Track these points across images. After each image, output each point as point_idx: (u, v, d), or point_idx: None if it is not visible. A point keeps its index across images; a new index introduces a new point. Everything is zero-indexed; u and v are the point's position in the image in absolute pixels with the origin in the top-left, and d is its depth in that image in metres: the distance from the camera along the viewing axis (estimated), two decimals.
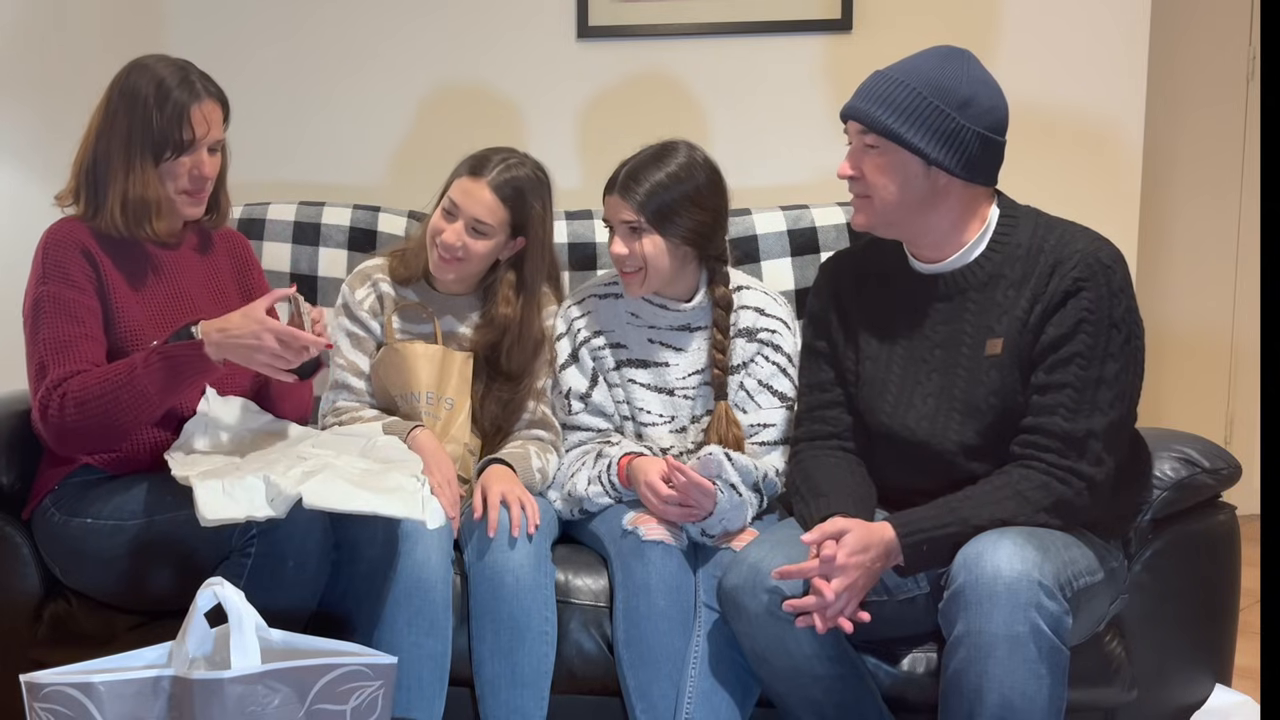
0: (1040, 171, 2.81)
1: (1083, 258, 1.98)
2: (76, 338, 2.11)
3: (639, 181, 2.28)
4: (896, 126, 1.99)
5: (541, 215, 2.38)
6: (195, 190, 2.22)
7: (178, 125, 2.15)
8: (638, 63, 3.24)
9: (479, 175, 2.34)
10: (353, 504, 1.90)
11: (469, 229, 2.33)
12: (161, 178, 2.18)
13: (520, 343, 2.41)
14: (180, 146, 2.16)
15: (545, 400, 2.44)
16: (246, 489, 1.89)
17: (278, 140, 3.27)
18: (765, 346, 2.38)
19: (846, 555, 1.89)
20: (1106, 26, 3.12)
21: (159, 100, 2.15)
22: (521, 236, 2.39)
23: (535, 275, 2.42)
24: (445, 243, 2.34)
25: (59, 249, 2.16)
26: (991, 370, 2.03)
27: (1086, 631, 2.07)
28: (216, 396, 2.19)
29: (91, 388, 2.06)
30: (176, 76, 2.17)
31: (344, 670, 1.70)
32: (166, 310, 2.23)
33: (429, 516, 1.97)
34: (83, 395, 2.06)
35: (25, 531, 2.24)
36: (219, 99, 2.23)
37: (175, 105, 2.15)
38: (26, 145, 2.90)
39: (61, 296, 2.13)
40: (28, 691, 1.63)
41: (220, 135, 2.23)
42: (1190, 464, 2.20)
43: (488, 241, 2.35)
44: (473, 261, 2.37)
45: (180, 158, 2.17)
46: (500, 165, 2.34)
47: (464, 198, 2.33)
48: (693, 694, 2.10)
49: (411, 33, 3.28)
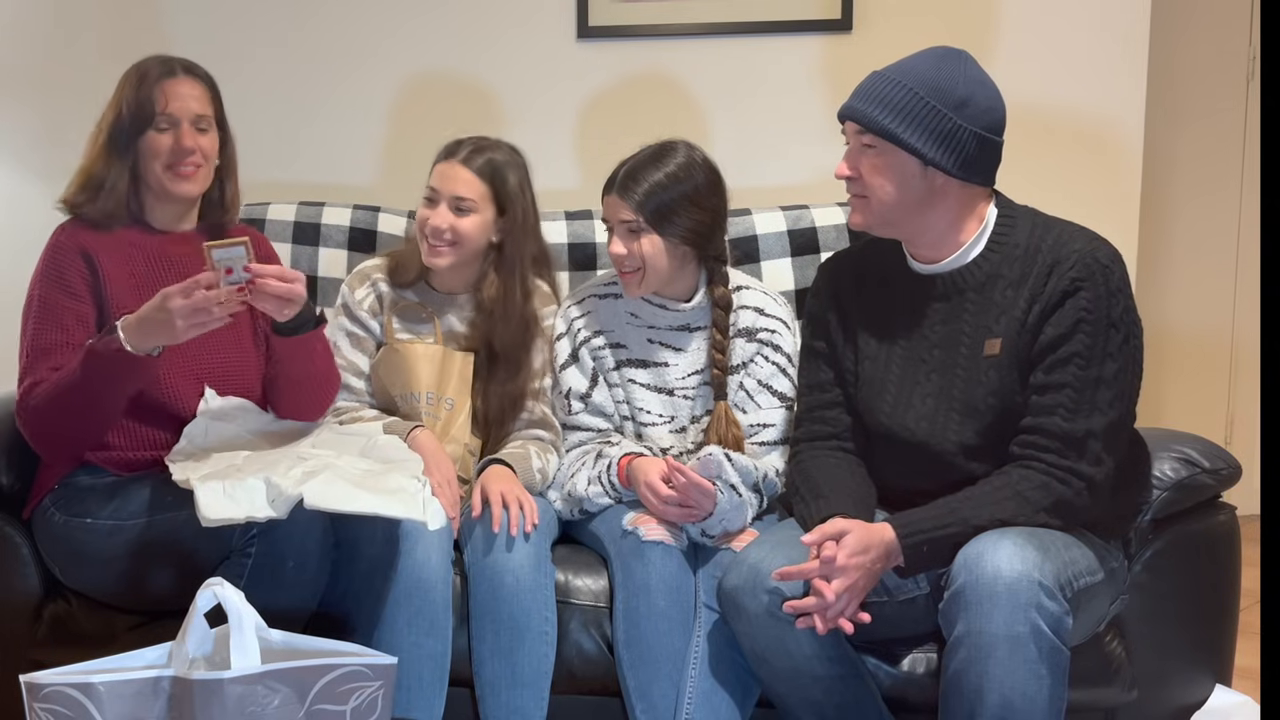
0: (1040, 172, 2.81)
1: (1080, 257, 1.98)
2: (56, 345, 2.13)
3: (638, 181, 2.28)
4: (893, 127, 1.99)
5: (520, 192, 2.40)
6: (178, 163, 2.20)
7: (148, 101, 2.18)
8: (638, 63, 3.24)
9: (453, 157, 2.39)
10: (354, 505, 1.90)
11: (453, 209, 2.36)
12: (145, 160, 2.20)
13: (506, 320, 2.40)
14: (149, 121, 2.18)
15: (545, 400, 2.44)
16: (247, 490, 1.89)
17: (278, 140, 3.26)
18: (765, 346, 2.38)
19: (847, 556, 1.89)
20: (1106, 26, 3.12)
21: (136, 83, 2.19)
22: (507, 213, 2.39)
23: (516, 252, 2.41)
24: (433, 227, 2.35)
25: (59, 254, 2.18)
26: (990, 370, 2.03)
27: (1087, 632, 2.07)
28: (216, 397, 2.19)
29: (46, 393, 2.08)
30: (156, 61, 2.21)
31: (344, 670, 1.70)
32: None
33: (430, 518, 1.97)
34: (39, 403, 2.09)
35: (25, 531, 2.24)
36: (201, 77, 2.25)
37: (146, 83, 2.18)
38: (26, 145, 2.90)
39: (51, 301, 2.15)
40: (28, 692, 1.63)
41: (204, 110, 2.23)
42: (1190, 464, 2.20)
43: (474, 218, 2.36)
44: (464, 244, 2.37)
45: (157, 134, 2.18)
46: (471, 145, 2.40)
47: (441, 180, 2.37)
48: (693, 694, 2.10)
49: (412, 32, 3.27)
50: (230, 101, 2.30)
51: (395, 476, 2.02)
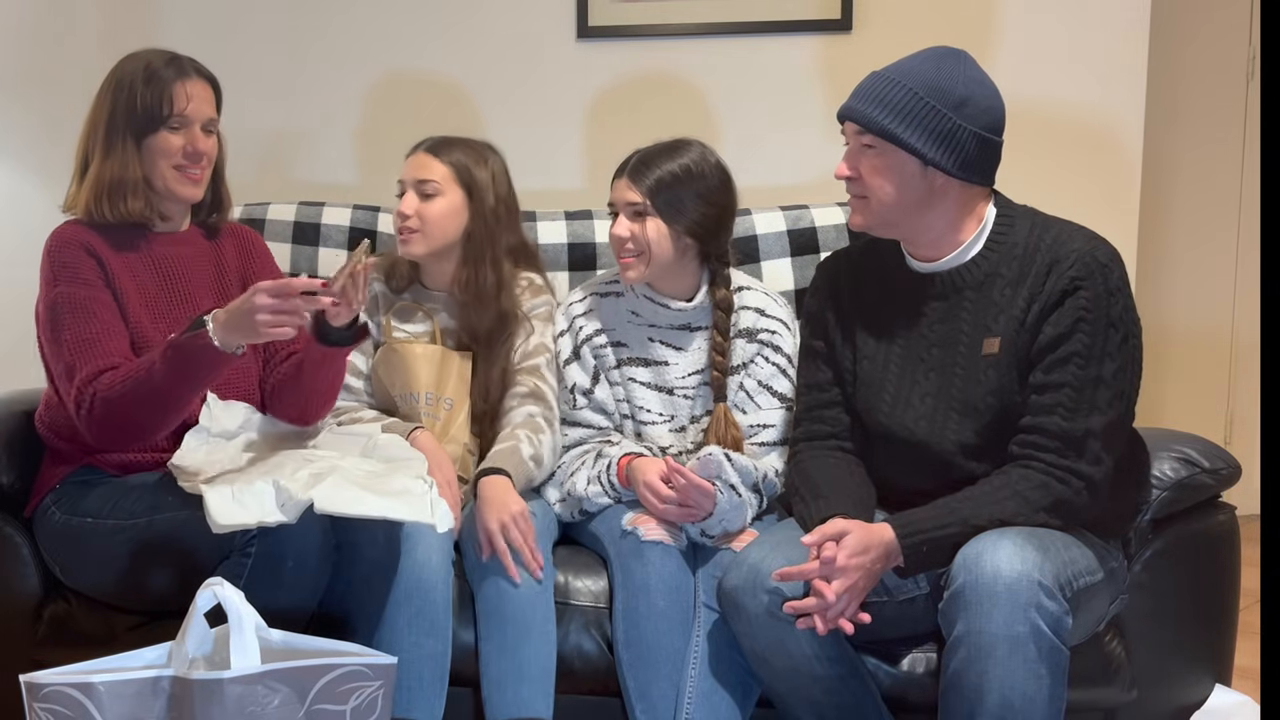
0: (1040, 172, 2.81)
1: (1079, 257, 1.98)
2: (98, 334, 2.11)
3: (650, 168, 2.30)
4: (893, 127, 1.99)
5: (490, 180, 2.42)
6: (190, 166, 2.21)
7: (162, 100, 2.16)
8: (638, 63, 3.24)
9: (415, 150, 2.45)
10: (362, 508, 1.90)
11: (419, 195, 2.39)
12: (152, 157, 2.18)
13: (479, 309, 2.41)
14: (163, 120, 2.16)
15: (539, 375, 2.42)
16: (256, 494, 1.88)
17: (278, 140, 3.27)
18: (765, 347, 2.38)
19: (847, 557, 1.89)
20: (1106, 26, 3.12)
21: (145, 78, 2.17)
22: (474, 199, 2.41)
23: (484, 238, 2.42)
24: (400, 213, 2.39)
25: (64, 250, 2.16)
26: (989, 369, 2.03)
27: (1086, 631, 2.07)
28: (218, 401, 2.19)
29: (116, 386, 2.04)
30: (163, 58, 2.20)
31: (344, 670, 1.70)
32: (170, 308, 2.22)
33: (438, 520, 1.97)
34: (109, 394, 2.05)
35: (25, 531, 2.24)
36: (208, 79, 2.24)
37: (160, 81, 2.17)
38: (26, 145, 2.90)
39: (76, 296, 2.13)
40: (28, 691, 1.63)
41: (212, 114, 2.23)
42: (1190, 464, 2.20)
43: (439, 202, 2.39)
44: (431, 226, 2.38)
45: (170, 134, 2.17)
46: (435, 138, 2.46)
47: (407, 170, 2.43)
48: (693, 694, 2.10)
49: (412, 32, 3.28)
50: (230, 101, 2.30)
51: (400, 478, 2.02)
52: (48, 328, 2.14)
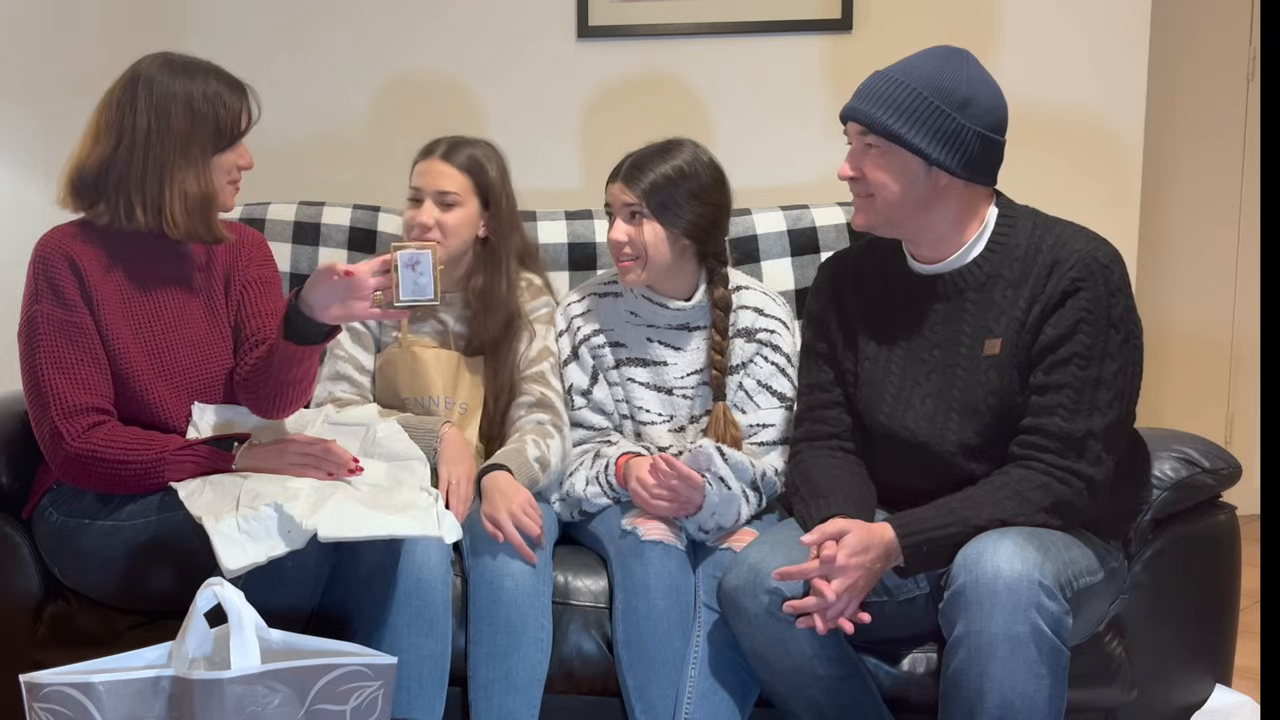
0: (1040, 172, 2.81)
1: (1080, 258, 1.98)
2: (76, 361, 2.10)
3: (643, 171, 2.31)
4: (897, 127, 1.99)
5: (500, 184, 2.44)
6: (236, 180, 2.24)
7: (239, 118, 2.18)
8: (638, 63, 3.24)
9: (432, 154, 2.44)
10: (369, 528, 1.91)
11: (438, 205, 2.39)
12: (217, 173, 2.19)
13: (491, 313, 2.42)
14: (236, 138, 2.19)
15: (544, 383, 2.43)
16: (262, 521, 1.89)
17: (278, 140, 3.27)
18: (764, 347, 2.38)
19: (847, 556, 1.89)
20: (1106, 26, 3.12)
21: (226, 98, 2.17)
22: (491, 206, 2.43)
23: (503, 245, 2.44)
24: (420, 224, 2.38)
25: (47, 264, 2.14)
26: (990, 370, 2.03)
27: (1086, 631, 2.07)
28: (206, 408, 2.19)
29: (114, 448, 2.07)
30: (222, 74, 2.19)
31: (344, 670, 1.70)
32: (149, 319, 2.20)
33: (445, 531, 1.99)
34: (103, 452, 2.07)
35: (25, 531, 2.24)
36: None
37: (236, 99, 2.18)
38: (26, 145, 2.90)
39: (55, 317, 2.12)
40: (27, 691, 1.63)
41: None
42: (1190, 464, 2.20)
43: (459, 212, 2.40)
44: (451, 238, 2.39)
45: (230, 152, 2.19)
46: (449, 142, 2.45)
47: (423, 178, 2.41)
48: (692, 694, 2.10)
49: (412, 32, 3.28)
50: None
51: (404, 492, 2.03)
52: (25, 342, 2.15)
